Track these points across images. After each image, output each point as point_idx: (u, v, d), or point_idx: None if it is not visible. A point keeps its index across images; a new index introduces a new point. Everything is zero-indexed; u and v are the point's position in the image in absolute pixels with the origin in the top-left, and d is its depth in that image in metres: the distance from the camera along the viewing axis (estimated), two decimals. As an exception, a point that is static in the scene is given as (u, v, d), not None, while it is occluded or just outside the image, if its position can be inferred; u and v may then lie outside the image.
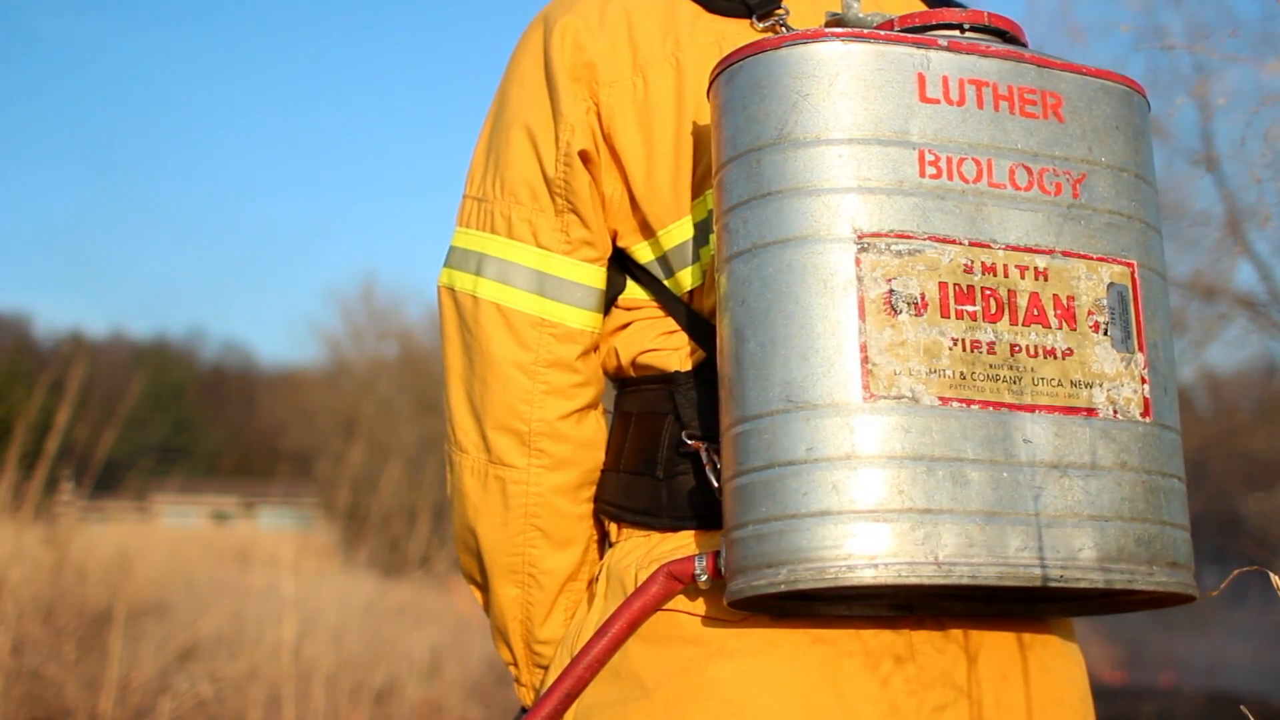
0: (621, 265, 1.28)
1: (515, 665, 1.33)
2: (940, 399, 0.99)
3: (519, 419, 1.23)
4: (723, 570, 1.05)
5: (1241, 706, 1.42)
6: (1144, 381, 1.05)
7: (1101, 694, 1.26)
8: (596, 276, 1.25)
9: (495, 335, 1.24)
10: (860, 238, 1.00)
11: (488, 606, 1.33)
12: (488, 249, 1.26)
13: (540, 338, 1.23)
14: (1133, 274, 1.07)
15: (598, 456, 1.28)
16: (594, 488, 1.29)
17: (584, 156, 1.23)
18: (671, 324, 1.24)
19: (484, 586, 1.32)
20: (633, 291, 1.27)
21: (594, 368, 1.27)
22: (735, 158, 1.05)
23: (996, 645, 1.15)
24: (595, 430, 1.27)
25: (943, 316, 1.00)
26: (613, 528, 1.28)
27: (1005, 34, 1.10)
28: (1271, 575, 1.16)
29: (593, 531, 1.30)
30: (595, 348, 1.27)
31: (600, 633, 1.14)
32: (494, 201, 1.26)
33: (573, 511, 1.27)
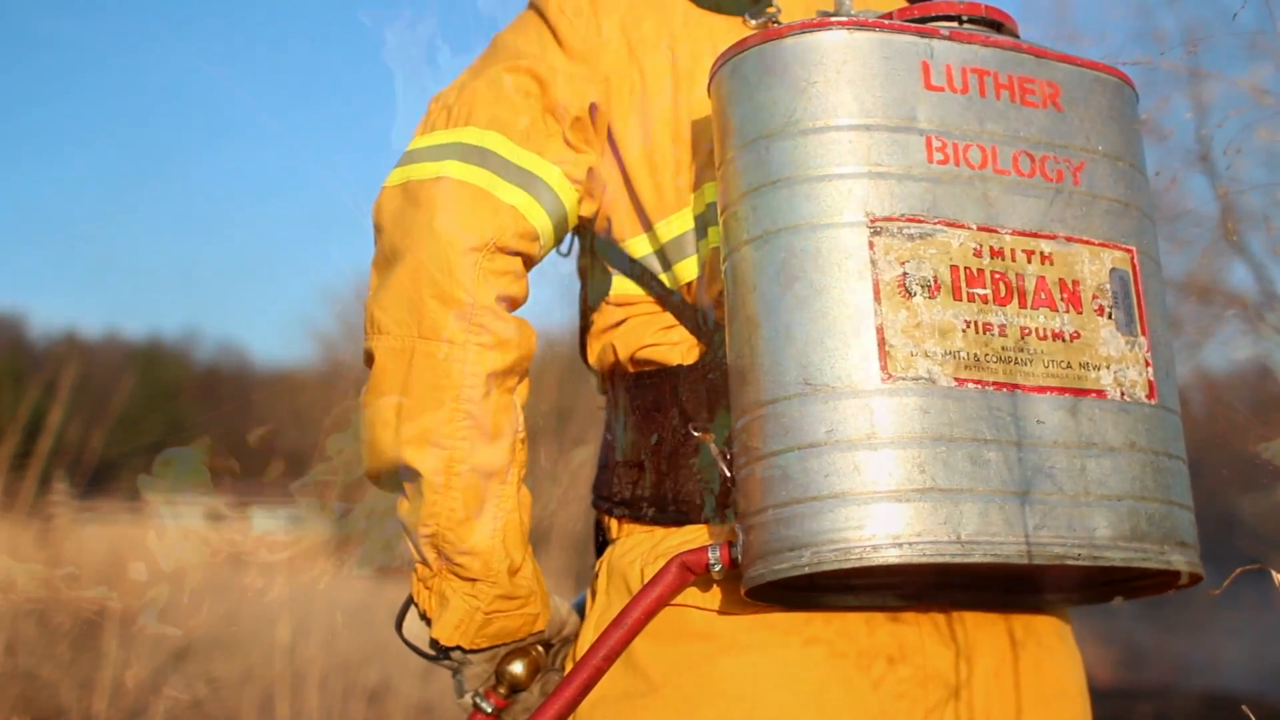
0: (610, 262, 1.26)
1: (425, 565, 1.21)
2: (956, 380, 0.99)
3: (462, 289, 1.13)
4: (738, 558, 1.05)
5: (1244, 707, 1.43)
6: (1148, 364, 1.06)
7: (1096, 694, 1.25)
8: (571, 199, 1.21)
9: (450, 207, 1.14)
10: (873, 221, 1.01)
11: (400, 495, 1.22)
12: (464, 139, 1.18)
13: (504, 221, 1.15)
14: (1133, 259, 1.08)
15: (530, 346, 1.18)
16: (520, 381, 1.19)
17: (593, 109, 1.20)
18: (669, 319, 1.22)
19: (395, 486, 1.23)
20: (624, 288, 1.25)
21: (526, 281, 1.20)
22: (743, 146, 1.05)
23: (999, 636, 1.15)
24: (524, 324, 1.18)
25: (955, 299, 1.01)
26: (613, 524, 1.26)
27: (1000, 25, 1.11)
28: (1274, 573, 1.17)
29: (520, 431, 1.20)
30: (535, 263, 1.21)
31: (616, 623, 1.12)
32: (475, 104, 1.20)
33: (501, 401, 1.17)
